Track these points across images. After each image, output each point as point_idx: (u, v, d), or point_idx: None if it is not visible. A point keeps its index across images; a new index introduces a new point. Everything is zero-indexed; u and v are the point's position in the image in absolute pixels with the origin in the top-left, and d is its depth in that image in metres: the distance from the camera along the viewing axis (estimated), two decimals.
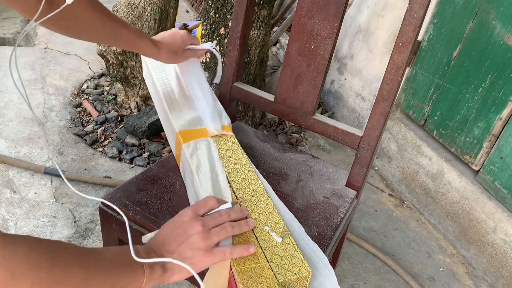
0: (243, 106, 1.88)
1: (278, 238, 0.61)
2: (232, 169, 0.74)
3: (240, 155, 0.78)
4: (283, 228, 0.63)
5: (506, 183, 1.36)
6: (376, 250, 1.45)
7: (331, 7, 0.78)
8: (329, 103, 2.40)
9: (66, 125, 1.83)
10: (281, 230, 0.62)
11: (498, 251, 1.39)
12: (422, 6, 0.69)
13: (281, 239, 0.61)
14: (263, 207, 0.66)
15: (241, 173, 0.73)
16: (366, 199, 1.75)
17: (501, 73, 1.37)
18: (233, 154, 0.78)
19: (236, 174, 0.73)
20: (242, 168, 0.74)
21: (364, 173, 0.84)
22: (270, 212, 0.66)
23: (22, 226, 1.31)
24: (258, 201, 0.67)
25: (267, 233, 0.61)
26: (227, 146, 0.80)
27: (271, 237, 0.61)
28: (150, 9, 1.79)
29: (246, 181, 0.71)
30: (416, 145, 1.74)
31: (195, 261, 0.55)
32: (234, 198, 0.67)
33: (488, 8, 1.42)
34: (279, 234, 0.62)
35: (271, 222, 0.64)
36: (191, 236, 0.56)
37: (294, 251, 0.59)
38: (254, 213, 0.65)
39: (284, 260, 0.58)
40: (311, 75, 0.85)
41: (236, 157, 0.77)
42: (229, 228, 0.58)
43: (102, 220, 0.74)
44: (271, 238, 0.61)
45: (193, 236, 0.56)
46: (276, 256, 0.58)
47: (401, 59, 0.73)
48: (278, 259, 0.58)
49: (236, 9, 0.89)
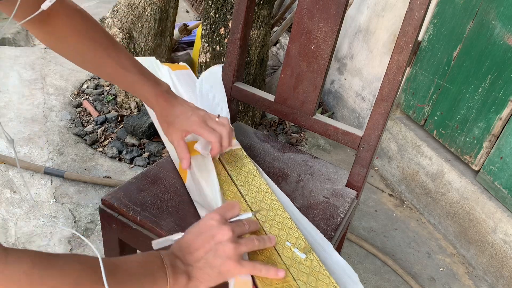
0: (243, 106, 1.88)
1: (302, 255, 0.58)
2: (244, 182, 0.70)
3: (250, 166, 0.75)
4: (305, 243, 0.61)
5: (506, 183, 1.36)
6: (376, 250, 1.45)
7: (332, 7, 0.78)
8: (329, 103, 2.40)
9: (66, 125, 1.83)
10: (303, 246, 0.60)
11: (498, 251, 1.39)
12: (423, 6, 0.69)
13: (304, 255, 0.58)
14: (281, 222, 0.64)
15: (253, 186, 0.70)
16: (366, 199, 1.75)
17: (501, 73, 1.37)
18: (243, 166, 0.74)
19: (249, 187, 0.70)
20: (254, 181, 0.71)
21: (364, 173, 0.84)
22: (289, 227, 0.63)
23: (22, 226, 1.31)
24: (275, 216, 0.65)
25: (289, 249, 0.59)
26: (235, 158, 0.76)
27: (294, 253, 0.59)
28: (150, 9, 1.79)
29: (260, 195, 0.69)
30: (416, 145, 1.74)
31: (223, 269, 0.51)
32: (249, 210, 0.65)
33: (488, 8, 1.42)
34: (302, 250, 0.59)
35: (291, 238, 0.61)
36: (220, 243, 0.51)
37: (319, 267, 0.57)
38: (273, 228, 0.62)
39: (310, 277, 0.56)
40: (311, 75, 0.85)
41: (246, 169, 0.74)
42: (256, 242, 0.54)
43: (102, 220, 0.74)
44: (294, 254, 0.59)
45: (223, 244, 0.51)
46: (302, 274, 0.56)
47: (401, 59, 0.73)
48: (305, 277, 0.56)
49: (236, 9, 0.89)
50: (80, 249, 1.27)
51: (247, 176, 0.72)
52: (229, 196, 0.67)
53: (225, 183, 0.69)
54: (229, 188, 0.68)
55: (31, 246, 1.25)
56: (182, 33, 2.32)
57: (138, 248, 0.73)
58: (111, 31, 1.84)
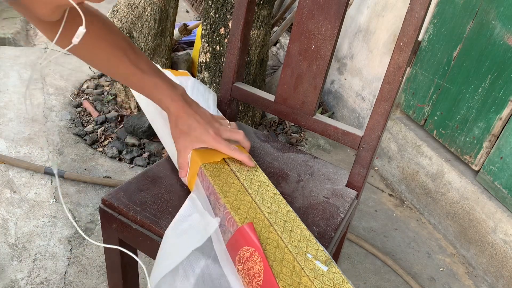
0: (243, 106, 1.88)
1: (324, 267, 0.57)
2: (257, 191, 0.69)
3: (261, 176, 0.73)
4: (325, 255, 0.60)
5: (506, 183, 1.36)
6: (376, 250, 1.45)
7: (332, 7, 0.78)
8: (329, 103, 2.40)
9: (66, 125, 1.83)
10: (324, 258, 0.59)
11: (498, 251, 1.39)
12: (423, 6, 0.69)
13: (326, 268, 0.57)
14: (299, 233, 0.62)
15: (268, 196, 0.68)
16: (366, 199, 1.75)
17: (501, 73, 1.38)
18: (255, 175, 0.72)
19: (263, 197, 0.68)
20: (268, 191, 0.70)
21: (365, 173, 0.84)
22: (308, 238, 0.62)
23: (22, 226, 1.31)
24: (292, 227, 0.63)
25: (311, 261, 0.58)
26: (246, 166, 0.74)
27: (316, 265, 0.57)
28: (150, 9, 1.79)
29: (275, 205, 0.67)
30: (416, 145, 1.74)
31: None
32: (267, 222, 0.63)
33: (488, 8, 1.42)
34: (324, 262, 0.58)
35: (311, 250, 0.60)
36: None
37: (342, 280, 0.56)
38: (292, 240, 0.60)
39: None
40: (311, 75, 0.85)
41: (259, 179, 0.72)
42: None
43: (102, 220, 0.74)
44: (316, 267, 0.57)
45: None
46: (327, 286, 0.55)
47: (401, 59, 0.73)
48: None
49: (236, 9, 0.89)
50: (81, 249, 1.27)
51: (261, 186, 0.70)
52: (245, 206, 0.65)
53: (239, 192, 0.67)
54: (244, 198, 0.66)
55: (31, 246, 1.25)
56: (182, 33, 2.32)
57: (138, 248, 0.73)
58: None
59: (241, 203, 0.65)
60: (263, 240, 0.59)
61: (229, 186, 0.68)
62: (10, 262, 1.19)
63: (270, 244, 0.59)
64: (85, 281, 1.18)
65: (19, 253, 1.22)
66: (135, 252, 0.82)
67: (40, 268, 1.19)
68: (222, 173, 0.70)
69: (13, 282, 1.14)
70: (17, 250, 1.23)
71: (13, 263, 1.19)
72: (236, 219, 0.61)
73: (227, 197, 0.65)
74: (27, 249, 1.24)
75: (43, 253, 1.24)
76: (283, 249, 0.59)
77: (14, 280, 1.14)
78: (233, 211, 0.62)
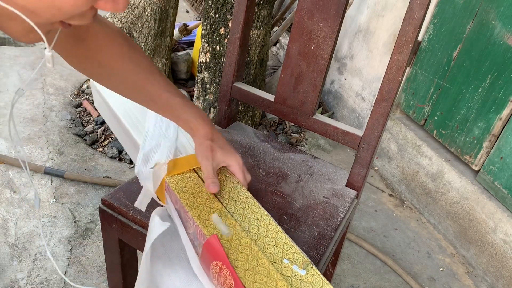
0: (243, 106, 1.88)
1: (302, 271, 0.55)
2: (229, 198, 0.65)
3: (233, 181, 0.69)
4: (303, 258, 0.58)
5: (506, 183, 1.36)
6: (376, 250, 1.45)
7: (332, 7, 0.78)
8: (329, 103, 2.40)
9: (66, 125, 1.83)
10: (302, 261, 0.57)
11: (498, 251, 1.39)
12: (422, 6, 0.69)
13: (304, 271, 0.55)
14: (274, 238, 0.60)
15: (240, 202, 0.65)
16: (366, 199, 1.75)
17: (501, 73, 1.38)
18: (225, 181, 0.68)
19: (235, 203, 0.64)
20: (240, 196, 0.66)
21: (364, 173, 0.84)
22: (284, 242, 0.60)
23: (22, 226, 1.31)
24: (267, 231, 0.61)
25: (288, 267, 0.56)
26: None
27: (293, 271, 0.55)
28: (150, 9, 1.79)
29: (248, 210, 0.64)
30: (416, 145, 1.74)
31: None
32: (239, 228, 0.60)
33: (488, 8, 1.42)
34: (301, 266, 0.57)
35: (288, 254, 0.58)
36: None
37: (322, 282, 0.54)
38: (267, 246, 0.59)
39: None
40: (311, 75, 0.85)
41: (230, 185, 0.68)
42: None
43: (102, 220, 0.74)
44: (293, 272, 0.55)
45: None
46: None
47: (401, 59, 0.73)
48: None
49: (236, 9, 0.89)
50: (80, 249, 1.27)
51: (232, 192, 0.66)
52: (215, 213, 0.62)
53: (207, 201, 0.63)
54: (213, 206, 0.63)
55: (31, 246, 1.25)
56: (182, 33, 2.32)
57: (138, 248, 0.73)
58: None
59: (210, 212, 0.62)
60: (234, 248, 0.57)
61: (197, 196, 0.64)
62: (10, 262, 1.19)
63: (242, 252, 0.57)
64: (85, 281, 1.18)
65: (19, 253, 1.22)
66: (135, 252, 0.82)
67: (40, 268, 1.19)
68: (188, 183, 0.66)
69: (13, 282, 1.14)
70: (17, 250, 1.23)
71: (13, 263, 1.19)
72: (204, 231, 0.58)
73: (195, 209, 0.61)
74: (27, 249, 1.24)
75: (43, 253, 1.24)
76: (256, 255, 0.57)
77: (14, 280, 1.14)
78: (201, 224, 0.59)
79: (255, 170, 0.84)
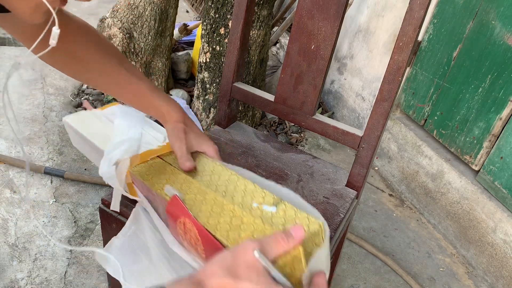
0: (243, 106, 1.88)
1: (272, 208, 0.53)
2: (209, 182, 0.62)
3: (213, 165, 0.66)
4: (273, 197, 0.55)
5: (506, 183, 1.36)
6: (376, 250, 1.45)
7: (332, 7, 0.78)
8: (329, 103, 2.40)
9: None
10: (272, 200, 0.55)
11: (498, 251, 1.39)
12: (423, 6, 0.69)
13: (275, 207, 0.53)
14: (243, 190, 0.58)
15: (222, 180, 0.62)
16: (366, 199, 1.75)
17: (501, 73, 1.38)
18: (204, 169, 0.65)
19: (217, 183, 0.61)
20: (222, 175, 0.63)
21: (364, 173, 0.84)
22: (253, 190, 0.57)
23: (22, 226, 1.31)
24: (235, 186, 0.59)
25: (258, 209, 0.54)
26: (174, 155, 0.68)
27: (264, 210, 0.53)
28: (150, 9, 1.79)
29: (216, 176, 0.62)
30: (416, 145, 1.74)
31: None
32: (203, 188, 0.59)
33: (488, 8, 1.42)
34: (271, 204, 0.54)
35: (258, 199, 0.56)
36: None
37: (295, 212, 0.52)
38: (236, 198, 0.56)
39: (287, 225, 0.50)
40: (311, 75, 0.85)
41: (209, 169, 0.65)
42: None
43: (102, 220, 0.74)
44: (264, 212, 0.53)
45: None
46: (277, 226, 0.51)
47: (401, 59, 0.73)
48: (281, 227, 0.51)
49: (236, 9, 0.89)
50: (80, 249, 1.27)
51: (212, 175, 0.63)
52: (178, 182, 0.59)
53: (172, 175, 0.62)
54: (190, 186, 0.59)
55: (31, 246, 1.25)
56: (182, 33, 2.32)
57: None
58: (111, 31, 1.84)
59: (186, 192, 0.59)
60: (197, 205, 0.55)
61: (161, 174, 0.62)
62: (10, 262, 1.19)
63: (206, 204, 0.55)
64: (85, 281, 1.18)
65: (19, 253, 1.22)
66: None
67: (40, 268, 1.19)
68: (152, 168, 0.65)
69: (13, 282, 1.14)
70: (17, 250, 1.23)
71: (13, 263, 1.19)
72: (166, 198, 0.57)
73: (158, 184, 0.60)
74: (27, 249, 1.24)
75: (43, 253, 1.24)
76: (221, 204, 0.55)
77: (14, 280, 1.14)
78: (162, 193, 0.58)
79: (255, 170, 0.84)
